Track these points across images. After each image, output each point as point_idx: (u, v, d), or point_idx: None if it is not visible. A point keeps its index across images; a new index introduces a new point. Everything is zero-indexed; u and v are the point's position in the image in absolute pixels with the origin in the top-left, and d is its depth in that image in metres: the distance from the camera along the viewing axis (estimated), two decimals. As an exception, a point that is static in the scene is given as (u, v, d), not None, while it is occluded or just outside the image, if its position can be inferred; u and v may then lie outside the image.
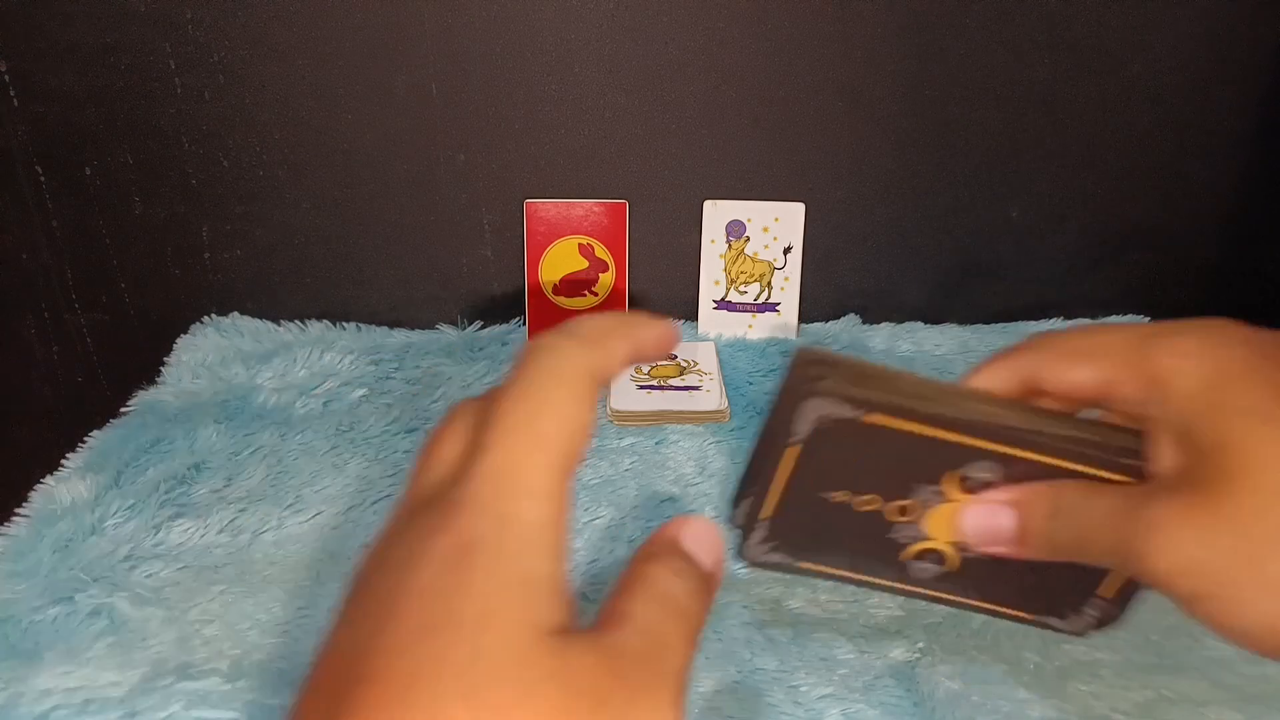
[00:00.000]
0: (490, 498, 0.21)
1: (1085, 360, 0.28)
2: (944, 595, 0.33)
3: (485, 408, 0.23)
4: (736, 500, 0.32)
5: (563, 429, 0.22)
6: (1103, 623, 0.33)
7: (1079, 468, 0.29)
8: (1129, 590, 0.31)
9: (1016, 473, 0.29)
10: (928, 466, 0.30)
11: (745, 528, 0.33)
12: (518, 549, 0.21)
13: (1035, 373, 0.30)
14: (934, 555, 0.32)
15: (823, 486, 0.31)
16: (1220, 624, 0.25)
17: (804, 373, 0.30)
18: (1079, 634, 0.34)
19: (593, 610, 0.24)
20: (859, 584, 0.33)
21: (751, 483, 0.32)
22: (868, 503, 0.31)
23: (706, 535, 0.25)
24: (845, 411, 0.30)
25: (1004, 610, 0.33)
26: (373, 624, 0.20)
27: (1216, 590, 0.24)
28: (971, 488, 0.30)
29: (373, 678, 0.19)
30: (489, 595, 0.20)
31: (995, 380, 0.31)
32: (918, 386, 0.30)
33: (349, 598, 0.22)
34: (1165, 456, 0.27)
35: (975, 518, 0.30)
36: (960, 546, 0.31)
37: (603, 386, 0.24)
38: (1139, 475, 0.28)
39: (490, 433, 0.22)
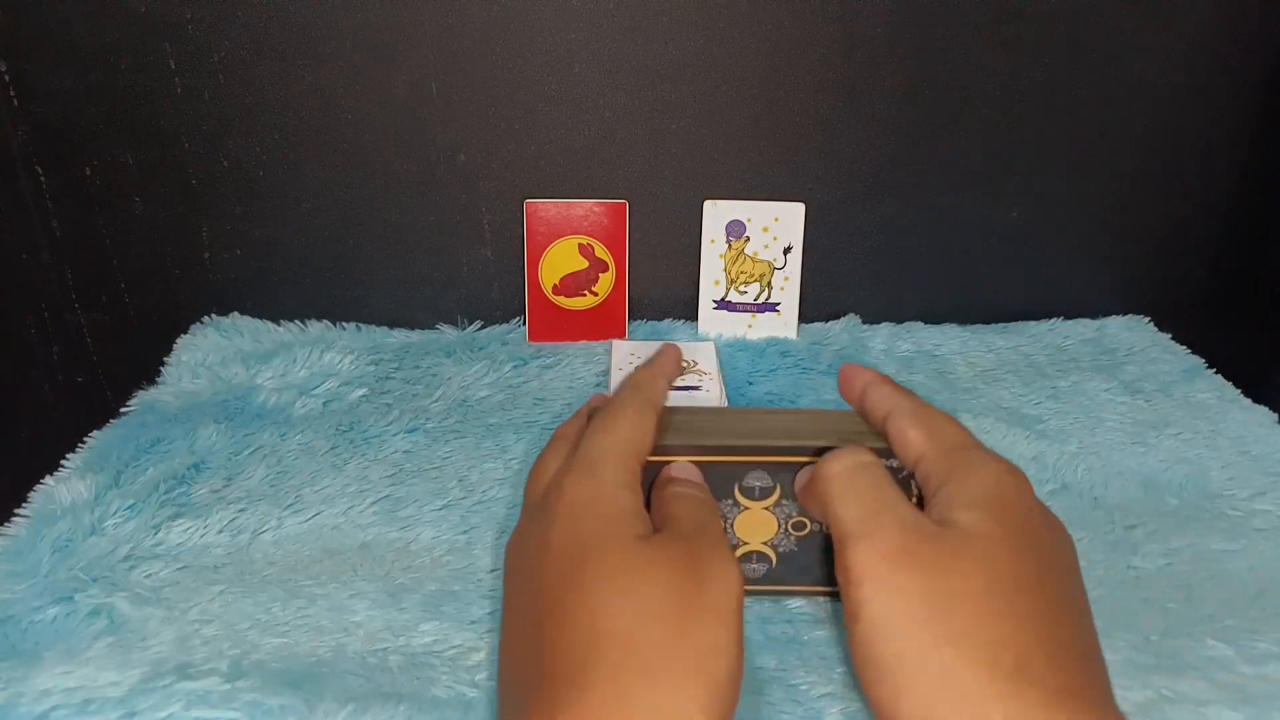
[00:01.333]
0: (586, 471, 0.34)
1: (915, 424, 0.35)
2: (777, 588, 0.41)
3: (581, 429, 0.37)
4: None
5: (631, 433, 0.35)
6: None
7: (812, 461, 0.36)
8: None
9: (781, 475, 0.38)
10: (719, 486, 0.38)
11: None
12: (609, 495, 0.33)
13: (877, 406, 0.37)
14: (757, 555, 0.40)
15: None
16: (860, 618, 0.30)
17: None
18: None
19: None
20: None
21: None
22: None
23: (684, 467, 0.38)
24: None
25: (822, 590, 0.41)
26: (529, 581, 0.32)
27: (879, 595, 0.30)
28: (753, 495, 0.38)
29: (552, 600, 0.30)
30: (598, 527, 0.32)
31: (858, 397, 0.38)
32: (709, 423, 0.39)
33: (511, 579, 0.34)
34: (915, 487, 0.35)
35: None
36: (773, 544, 0.39)
37: (655, 410, 0.37)
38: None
39: (584, 439, 0.35)
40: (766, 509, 0.38)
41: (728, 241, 0.69)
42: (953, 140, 0.68)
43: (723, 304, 0.70)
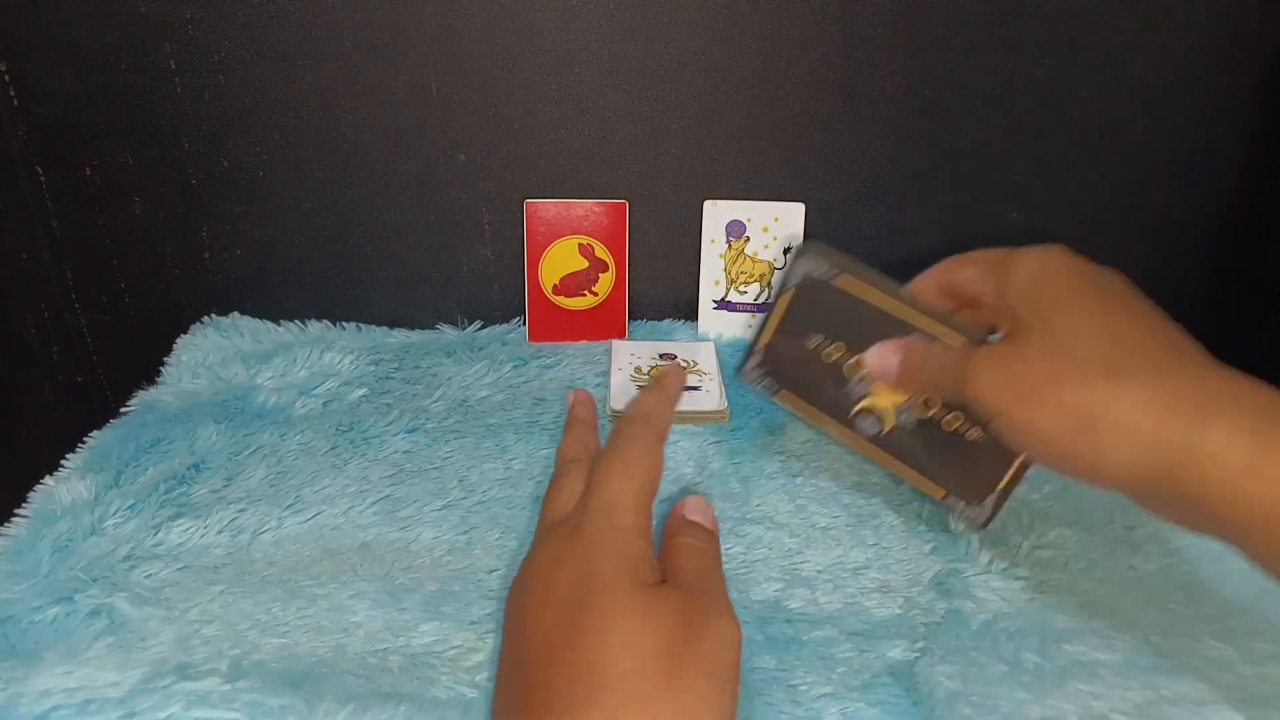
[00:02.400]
0: (604, 514, 0.35)
1: (969, 265, 0.41)
2: (879, 452, 0.43)
3: (589, 462, 0.39)
4: (751, 343, 0.46)
5: (645, 472, 0.37)
6: (989, 520, 0.43)
7: (949, 333, 0.41)
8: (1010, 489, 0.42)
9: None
10: (874, 332, 0.41)
11: (747, 352, 0.47)
12: (623, 539, 0.34)
13: (947, 277, 0.42)
14: (875, 416, 0.43)
15: (803, 331, 0.44)
16: (1014, 434, 0.35)
17: (805, 245, 0.44)
18: (972, 525, 0.44)
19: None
20: (816, 425, 0.45)
21: (759, 326, 0.46)
22: (834, 352, 0.43)
23: (699, 504, 0.41)
24: (824, 270, 0.43)
25: (924, 479, 0.43)
26: (535, 612, 0.33)
27: (1011, 406, 0.35)
28: None
29: (549, 638, 0.32)
30: (608, 570, 0.33)
31: (926, 283, 0.43)
32: (879, 275, 0.43)
33: (516, 604, 0.35)
34: (1001, 329, 0.39)
35: (876, 355, 0.42)
36: (897, 409, 0.42)
37: (663, 440, 0.39)
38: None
39: (601, 476, 0.37)
40: None
41: (728, 241, 0.69)
42: (953, 140, 0.68)
43: (723, 304, 0.70)
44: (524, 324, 0.70)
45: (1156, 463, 0.31)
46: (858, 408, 0.43)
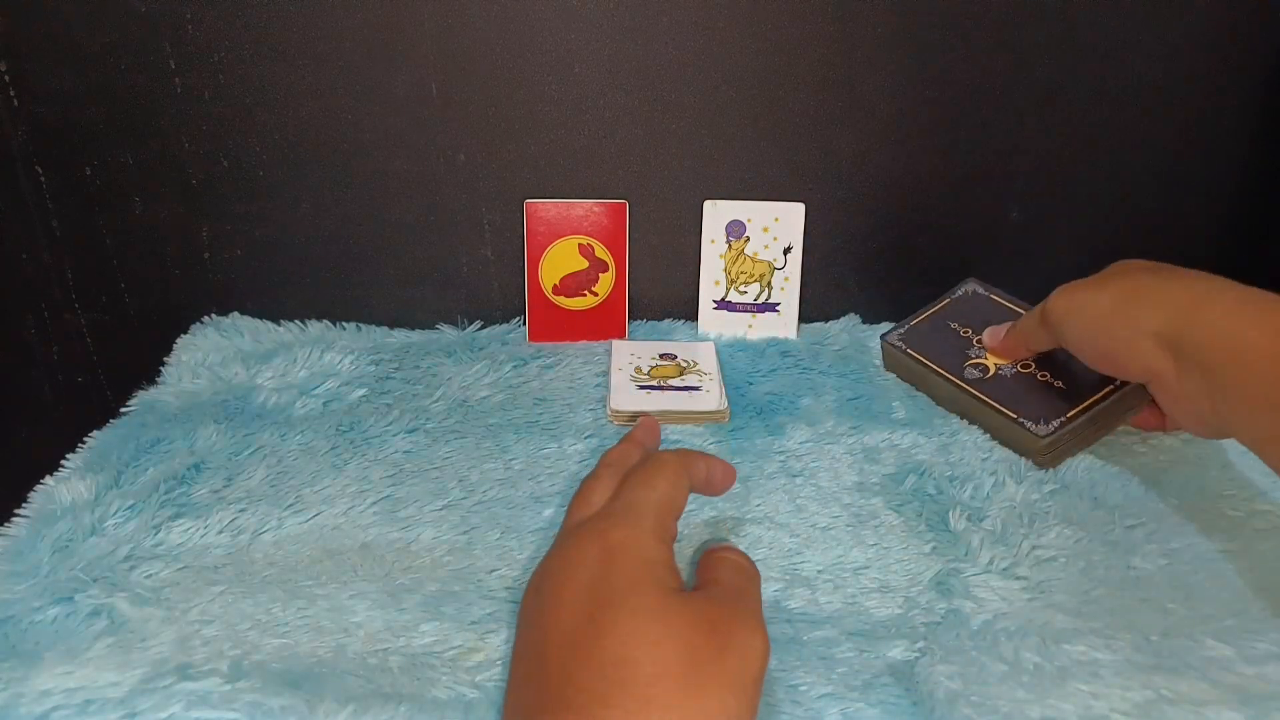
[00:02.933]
0: (624, 519, 0.36)
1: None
2: (975, 392, 0.56)
3: (624, 472, 0.40)
4: (905, 321, 0.65)
5: (669, 487, 0.38)
6: (1051, 441, 0.52)
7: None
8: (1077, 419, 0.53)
9: None
10: (996, 321, 0.59)
11: (896, 326, 0.64)
12: (643, 544, 0.35)
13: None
14: (981, 368, 0.58)
15: (952, 319, 0.63)
16: (1077, 348, 0.50)
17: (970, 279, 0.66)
18: (1035, 442, 0.53)
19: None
20: (933, 370, 0.59)
21: (916, 310, 0.65)
22: (967, 331, 0.61)
23: (727, 544, 0.41)
24: (981, 289, 0.64)
25: (1003, 409, 0.55)
26: (555, 609, 0.33)
27: (1079, 326, 0.49)
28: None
29: (565, 641, 0.32)
30: (630, 571, 0.33)
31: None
32: (1010, 295, 0.63)
33: (536, 600, 0.35)
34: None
35: (989, 332, 0.59)
36: (999, 367, 0.57)
37: (689, 481, 0.40)
38: None
39: (627, 485, 0.38)
40: None
41: (728, 241, 0.69)
42: (953, 140, 0.68)
43: (723, 304, 0.70)
44: (524, 324, 0.70)
45: (1173, 330, 0.44)
46: (970, 363, 0.58)
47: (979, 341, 0.59)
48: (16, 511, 0.49)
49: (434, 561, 0.47)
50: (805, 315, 0.71)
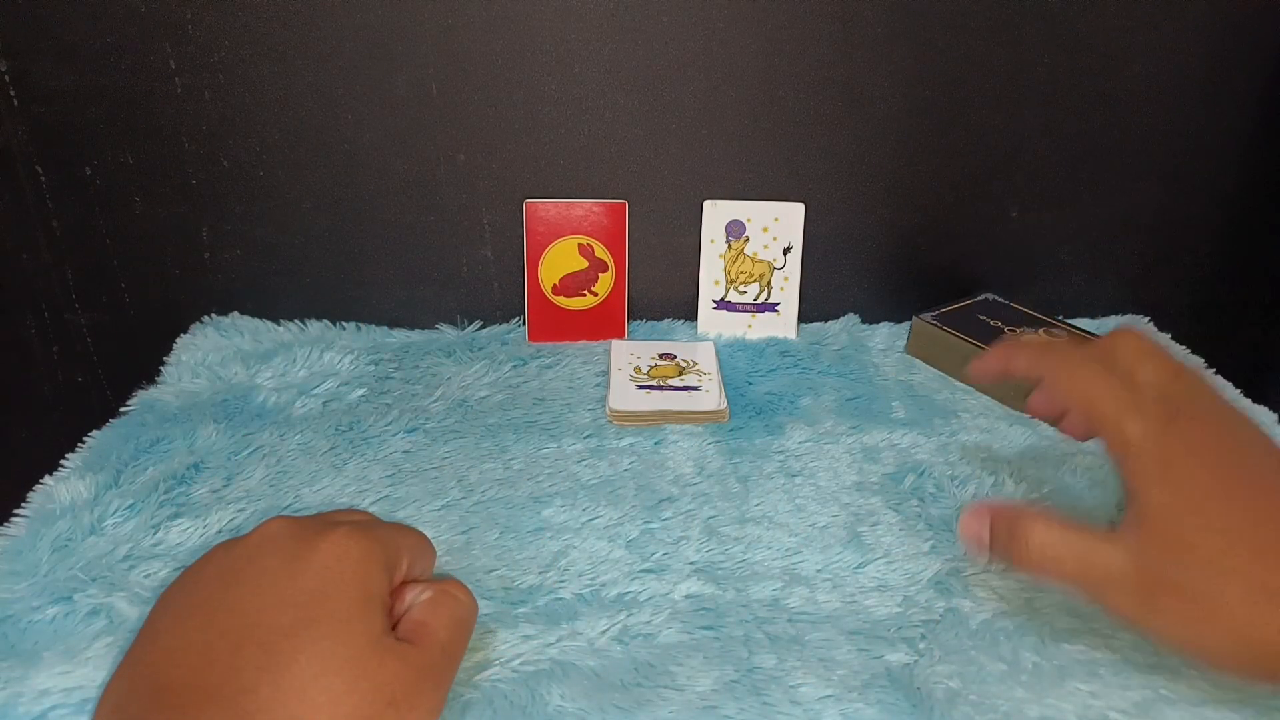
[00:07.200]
0: (354, 533, 0.33)
1: (1071, 402, 0.38)
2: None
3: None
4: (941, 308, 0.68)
5: (416, 541, 0.37)
6: None
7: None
8: None
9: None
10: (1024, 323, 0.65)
11: (932, 310, 0.68)
12: (366, 574, 0.32)
13: (1031, 375, 0.41)
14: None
15: (978, 314, 0.68)
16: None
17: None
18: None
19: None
20: (969, 342, 0.63)
21: (954, 304, 0.69)
22: (996, 322, 0.66)
23: (462, 587, 0.36)
24: (998, 298, 0.70)
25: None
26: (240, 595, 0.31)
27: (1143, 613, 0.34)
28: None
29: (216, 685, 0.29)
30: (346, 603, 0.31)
31: (988, 367, 0.43)
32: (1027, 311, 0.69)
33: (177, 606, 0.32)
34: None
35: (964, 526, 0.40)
36: None
37: (398, 572, 0.35)
38: None
39: (366, 523, 0.36)
40: None
41: (727, 241, 0.69)
42: (953, 140, 0.68)
43: (722, 304, 0.70)
44: (524, 324, 0.70)
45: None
46: (1004, 339, 0.58)
47: (1010, 330, 0.65)
48: (16, 511, 0.49)
49: (433, 561, 0.47)
50: (805, 315, 0.71)
